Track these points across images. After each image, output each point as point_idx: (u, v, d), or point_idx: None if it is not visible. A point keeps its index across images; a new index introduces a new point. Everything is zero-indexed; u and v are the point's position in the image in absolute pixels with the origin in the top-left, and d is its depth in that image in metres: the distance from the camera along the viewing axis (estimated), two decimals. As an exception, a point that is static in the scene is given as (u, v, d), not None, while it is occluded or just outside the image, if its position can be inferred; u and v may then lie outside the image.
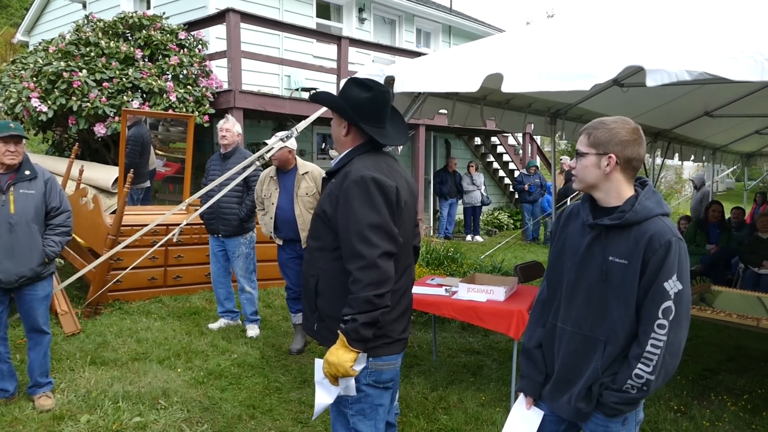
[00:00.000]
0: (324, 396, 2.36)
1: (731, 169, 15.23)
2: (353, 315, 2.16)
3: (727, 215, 8.42)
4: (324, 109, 4.42)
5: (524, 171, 13.11)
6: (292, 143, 4.97)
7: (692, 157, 9.13)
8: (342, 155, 2.44)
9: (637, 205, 2.09)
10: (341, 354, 2.21)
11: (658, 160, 8.69)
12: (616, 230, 2.12)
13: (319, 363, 2.34)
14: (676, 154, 8.53)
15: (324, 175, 2.55)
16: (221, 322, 5.72)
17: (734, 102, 6.31)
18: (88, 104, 7.37)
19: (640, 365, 2.05)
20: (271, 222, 5.02)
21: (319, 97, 2.54)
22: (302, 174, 4.95)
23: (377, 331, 2.30)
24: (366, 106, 2.37)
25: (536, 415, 2.39)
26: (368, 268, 2.16)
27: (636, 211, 2.08)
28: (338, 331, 2.22)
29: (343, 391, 2.34)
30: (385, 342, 2.35)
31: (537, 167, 12.98)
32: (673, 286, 2.02)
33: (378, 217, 2.20)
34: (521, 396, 2.42)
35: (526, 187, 12.79)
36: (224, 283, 5.71)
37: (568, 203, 11.63)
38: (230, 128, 5.50)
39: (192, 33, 8.80)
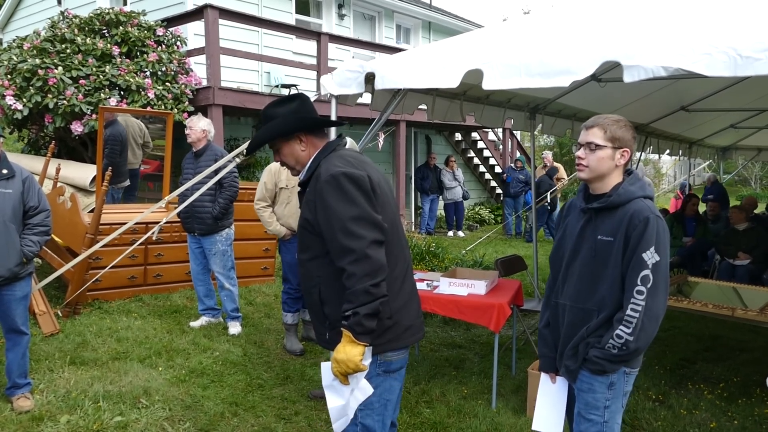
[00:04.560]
0: (335, 399, 2.33)
1: (707, 163, 15.43)
2: (354, 309, 2.16)
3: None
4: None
5: (511, 165, 13.24)
6: None
7: (668, 151, 9.23)
8: (308, 164, 2.44)
9: (620, 189, 2.39)
10: (349, 350, 2.20)
11: (636, 154, 8.79)
12: (605, 212, 2.41)
13: (326, 366, 2.32)
14: (650, 148, 8.62)
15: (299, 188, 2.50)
16: (203, 320, 5.69)
17: (709, 96, 6.38)
18: (65, 102, 7.26)
19: (621, 327, 2.30)
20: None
21: (261, 137, 2.46)
22: None
23: (388, 322, 2.29)
24: (302, 112, 2.43)
25: (562, 385, 2.62)
26: (360, 260, 2.16)
27: (619, 194, 2.38)
28: (341, 329, 2.21)
29: (360, 395, 2.30)
30: (397, 333, 2.35)
31: (523, 164, 12.98)
32: (650, 256, 2.27)
33: (357, 209, 2.21)
34: (543, 375, 2.67)
35: (504, 176, 12.93)
36: (204, 280, 5.68)
37: (548, 198, 11.72)
38: (193, 125, 5.45)
39: (170, 29, 8.71)
